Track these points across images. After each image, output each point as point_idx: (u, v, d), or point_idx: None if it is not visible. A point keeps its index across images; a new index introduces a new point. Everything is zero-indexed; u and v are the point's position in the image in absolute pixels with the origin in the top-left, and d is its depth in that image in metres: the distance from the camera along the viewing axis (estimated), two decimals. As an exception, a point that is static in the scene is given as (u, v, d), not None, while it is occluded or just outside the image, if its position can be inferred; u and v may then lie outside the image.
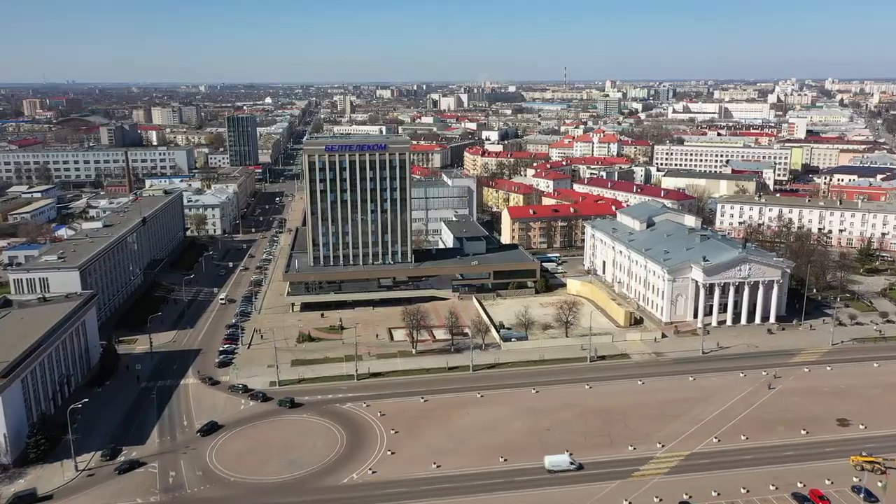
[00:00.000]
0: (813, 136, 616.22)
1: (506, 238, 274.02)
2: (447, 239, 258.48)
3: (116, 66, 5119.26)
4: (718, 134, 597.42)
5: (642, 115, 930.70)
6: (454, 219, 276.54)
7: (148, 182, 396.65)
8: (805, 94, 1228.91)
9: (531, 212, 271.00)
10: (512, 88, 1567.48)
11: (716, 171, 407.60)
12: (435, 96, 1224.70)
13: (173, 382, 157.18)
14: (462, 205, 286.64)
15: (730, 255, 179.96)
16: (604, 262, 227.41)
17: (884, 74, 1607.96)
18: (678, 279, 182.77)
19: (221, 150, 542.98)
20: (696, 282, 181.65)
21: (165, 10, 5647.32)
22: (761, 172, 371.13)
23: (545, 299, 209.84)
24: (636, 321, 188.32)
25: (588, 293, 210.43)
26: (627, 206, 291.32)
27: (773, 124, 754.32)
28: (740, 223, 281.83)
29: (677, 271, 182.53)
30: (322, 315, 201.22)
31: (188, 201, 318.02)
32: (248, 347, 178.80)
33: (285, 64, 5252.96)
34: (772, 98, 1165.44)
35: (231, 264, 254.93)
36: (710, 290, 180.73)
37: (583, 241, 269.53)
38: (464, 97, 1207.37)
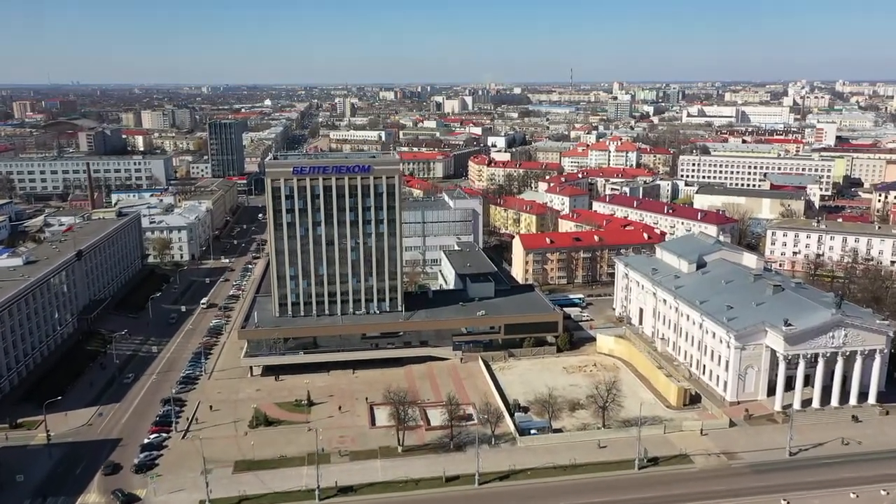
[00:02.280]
0: (843, 143, 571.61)
1: (517, 271, 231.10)
2: (448, 273, 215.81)
3: (122, 67, 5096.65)
4: (743, 141, 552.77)
5: (655, 119, 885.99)
6: (456, 248, 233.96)
7: (115, 196, 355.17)
8: (822, 97, 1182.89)
9: (548, 241, 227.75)
10: (517, 90, 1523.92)
11: (753, 187, 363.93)
12: (438, 99, 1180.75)
13: (67, 501, 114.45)
14: (466, 230, 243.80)
15: (819, 317, 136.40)
16: (640, 310, 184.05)
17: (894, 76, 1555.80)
18: (749, 347, 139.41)
19: (206, 157, 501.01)
20: (774, 351, 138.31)
21: (171, 10, 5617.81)
22: (805, 188, 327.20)
23: (571, 361, 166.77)
24: (691, 398, 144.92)
25: (624, 353, 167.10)
26: (659, 231, 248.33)
27: (795, 129, 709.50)
28: (794, 254, 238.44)
29: (748, 336, 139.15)
30: (277, 378, 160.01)
31: (150, 223, 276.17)
32: (184, 437, 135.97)
33: (289, 65, 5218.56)
34: (787, 101, 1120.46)
35: (184, 308, 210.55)
36: (791, 361, 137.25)
37: (609, 275, 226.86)
38: (468, 100, 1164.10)
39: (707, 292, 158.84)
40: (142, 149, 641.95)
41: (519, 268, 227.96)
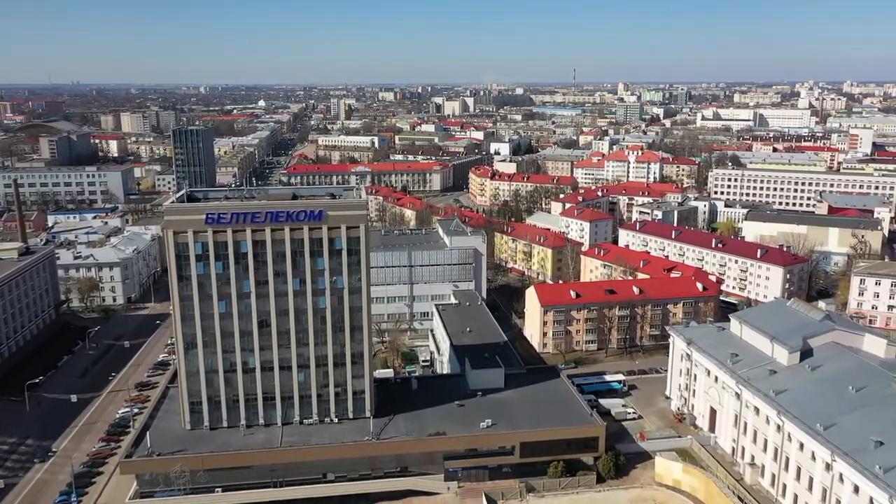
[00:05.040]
0: (880, 150, 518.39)
1: (532, 331, 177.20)
2: (441, 339, 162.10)
3: (124, 67, 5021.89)
4: (774, 149, 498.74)
5: (666, 123, 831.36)
6: (453, 300, 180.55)
7: (52, 219, 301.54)
8: (838, 99, 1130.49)
9: (572, 294, 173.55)
10: (519, 91, 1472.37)
11: (802, 207, 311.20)
12: (438, 100, 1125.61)
13: None
14: (465, 275, 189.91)
15: None
16: (712, 411, 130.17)
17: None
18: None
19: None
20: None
21: (173, 10, 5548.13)
22: (873, 211, 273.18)
23: (619, 499, 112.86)
24: None
25: (699, 491, 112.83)
26: (714, 277, 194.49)
27: (820, 134, 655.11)
28: (890, 308, 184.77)
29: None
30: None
31: (75, 257, 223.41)
32: None
33: (290, 65, 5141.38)
34: (802, 103, 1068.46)
35: (74, 399, 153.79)
36: None
37: (653, 338, 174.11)
38: (469, 101, 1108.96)
39: (829, 406, 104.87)
40: (115, 155, 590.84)
41: (535, 328, 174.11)
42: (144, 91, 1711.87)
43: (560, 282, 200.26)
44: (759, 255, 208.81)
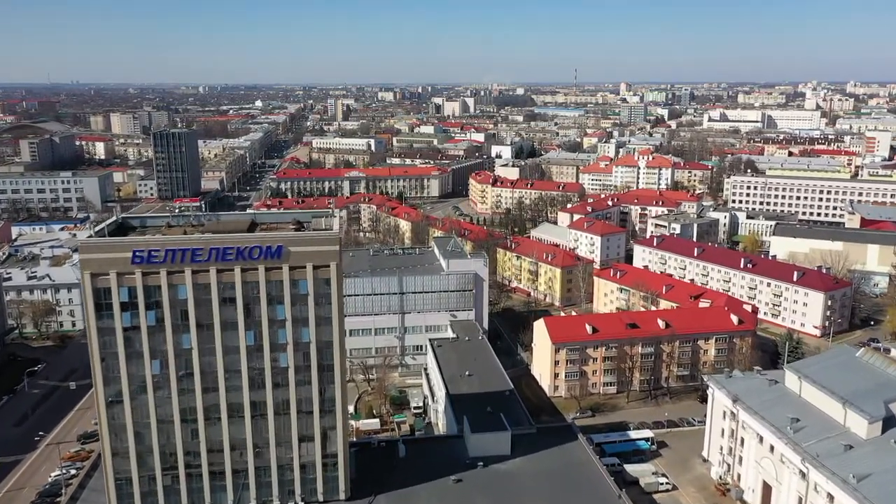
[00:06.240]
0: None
1: (540, 370, 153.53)
2: (436, 383, 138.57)
3: (125, 67, 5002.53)
4: (790, 153, 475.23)
5: (672, 124, 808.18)
6: (451, 334, 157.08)
7: (15, 230, 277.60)
8: (846, 100, 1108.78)
9: (588, 328, 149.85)
10: (520, 90, 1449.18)
11: (827, 217, 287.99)
12: (438, 100, 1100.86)
13: None
14: (464, 302, 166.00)
15: None
16: (766, 485, 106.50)
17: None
18: None
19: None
20: None
21: (175, 9, 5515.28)
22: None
23: None
24: None
25: None
26: (749, 307, 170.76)
27: (832, 136, 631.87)
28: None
29: None
30: None
31: (29, 277, 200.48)
32: None
33: (289, 65, 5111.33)
34: (810, 104, 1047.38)
35: None
36: None
37: (680, 378, 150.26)
38: (470, 101, 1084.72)
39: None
40: (102, 157, 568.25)
41: (545, 368, 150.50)
42: (143, 91, 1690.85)
43: (573, 309, 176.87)
44: (795, 278, 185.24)
